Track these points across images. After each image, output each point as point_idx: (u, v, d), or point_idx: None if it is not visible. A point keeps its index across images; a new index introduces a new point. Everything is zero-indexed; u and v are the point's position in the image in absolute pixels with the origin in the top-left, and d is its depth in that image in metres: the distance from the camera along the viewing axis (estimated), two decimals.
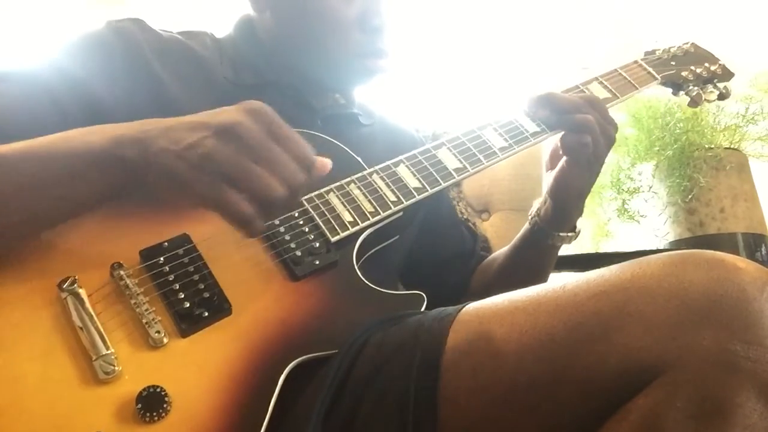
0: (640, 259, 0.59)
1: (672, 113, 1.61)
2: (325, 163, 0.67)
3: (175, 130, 0.62)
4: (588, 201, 1.67)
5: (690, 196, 1.53)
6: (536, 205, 1.02)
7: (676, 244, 1.55)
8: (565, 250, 1.57)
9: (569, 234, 1.01)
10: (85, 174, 0.63)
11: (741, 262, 0.55)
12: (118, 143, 0.63)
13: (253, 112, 0.62)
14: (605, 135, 0.92)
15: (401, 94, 2.28)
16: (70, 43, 0.83)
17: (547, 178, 0.99)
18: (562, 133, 0.93)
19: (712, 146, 1.58)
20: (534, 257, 1.04)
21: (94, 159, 0.63)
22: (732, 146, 1.60)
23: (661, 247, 1.59)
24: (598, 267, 0.61)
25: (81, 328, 0.62)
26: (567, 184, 0.95)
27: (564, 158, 0.95)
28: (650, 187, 1.61)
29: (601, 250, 1.67)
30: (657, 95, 1.56)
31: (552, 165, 0.99)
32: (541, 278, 1.05)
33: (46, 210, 0.65)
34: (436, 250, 1.12)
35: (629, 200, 1.62)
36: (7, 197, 0.63)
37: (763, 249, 1.48)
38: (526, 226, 1.04)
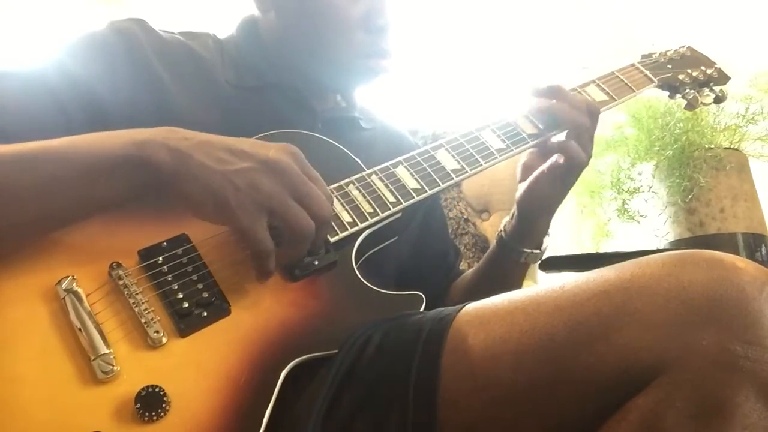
0: (640, 259, 0.59)
1: (672, 113, 1.61)
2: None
3: (213, 147, 0.65)
4: (588, 201, 1.67)
5: (690, 196, 1.52)
6: (504, 219, 1.02)
7: (676, 244, 1.55)
8: (565, 250, 1.57)
9: (534, 251, 0.99)
10: (106, 175, 0.64)
11: (740, 261, 0.55)
12: (142, 146, 0.64)
13: (291, 154, 0.68)
14: (587, 150, 0.92)
15: (401, 95, 2.28)
16: (72, 42, 0.83)
17: (519, 190, 0.98)
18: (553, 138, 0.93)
19: (712, 146, 1.57)
20: (499, 274, 1.03)
21: (116, 160, 0.64)
22: (732, 146, 1.59)
23: (661, 247, 1.58)
24: (598, 267, 0.61)
25: (79, 329, 0.62)
26: (538, 195, 0.95)
27: (539, 169, 0.94)
28: (650, 187, 1.61)
29: (601, 250, 1.67)
30: (657, 95, 1.56)
31: (524, 176, 0.98)
32: None
33: (63, 209, 0.66)
34: (422, 254, 1.10)
35: (629, 200, 1.62)
36: (25, 195, 0.63)
37: (763, 249, 1.48)
38: (493, 242, 1.03)
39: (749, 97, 1.58)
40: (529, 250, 0.99)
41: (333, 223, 0.77)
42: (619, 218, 1.61)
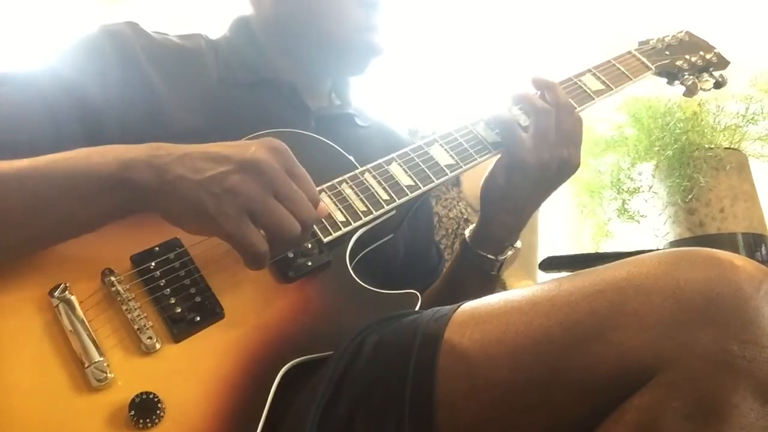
0: (636, 257, 0.58)
1: (672, 113, 1.60)
2: (324, 207, 0.72)
3: (192, 158, 0.63)
4: (588, 201, 1.66)
5: (690, 196, 1.52)
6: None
7: (676, 244, 1.54)
8: (565, 250, 1.56)
9: (489, 256, 0.92)
10: (92, 196, 0.64)
11: (737, 259, 0.55)
12: (126, 166, 0.63)
13: (273, 150, 0.65)
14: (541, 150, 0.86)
15: (401, 94, 2.28)
16: (64, 46, 0.84)
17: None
18: None
19: (712, 146, 1.56)
20: (456, 280, 0.98)
21: (102, 181, 0.63)
22: (732, 146, 1.59)
23: (661, 248, 1.58)
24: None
25: (73, 335, 0.62)
26: (490, 188, 0.90)
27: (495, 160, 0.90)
28: (650, 187, 1.60)
29: (601, 250, 1.66)
30: (657, 95, 1.56)
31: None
32: None
33: (49, 229, 0.65)
34: (405, 253, 1.07)
35: (629, 200, 1.61)
36: (10, 215, 0.63)
37: (763, 249, 1.47)
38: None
39: (749, 97, 1.57)
40: (484, 254, 0.92)
41: (326, 223, 0.76)
42: (619, 218, 1.61)
